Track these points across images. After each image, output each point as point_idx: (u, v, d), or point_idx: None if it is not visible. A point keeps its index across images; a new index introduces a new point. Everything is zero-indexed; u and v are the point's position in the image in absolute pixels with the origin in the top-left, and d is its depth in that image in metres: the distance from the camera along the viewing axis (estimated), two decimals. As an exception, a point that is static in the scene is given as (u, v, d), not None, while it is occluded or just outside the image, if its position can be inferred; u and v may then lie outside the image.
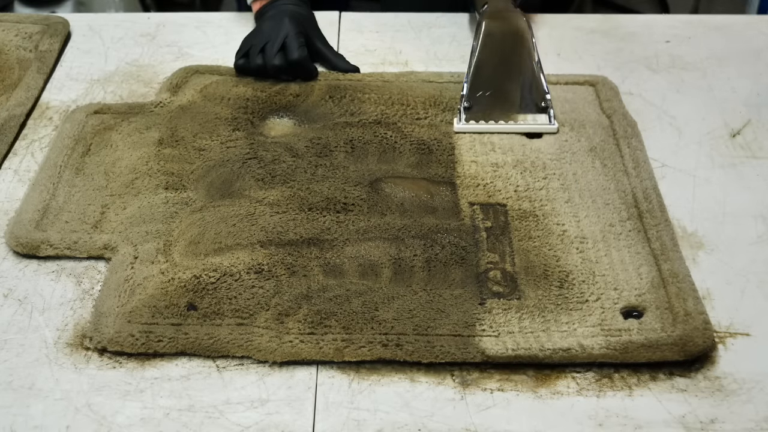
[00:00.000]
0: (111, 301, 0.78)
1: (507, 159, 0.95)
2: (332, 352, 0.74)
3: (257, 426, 0.69)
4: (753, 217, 0.89)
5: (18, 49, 1.14)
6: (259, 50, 1.06)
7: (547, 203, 0.89)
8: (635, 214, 0.87)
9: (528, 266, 0.82)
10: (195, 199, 0.90)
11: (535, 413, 0.70)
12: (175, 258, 0.82)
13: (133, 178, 0.92)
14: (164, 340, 0.75)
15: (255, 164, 0.94)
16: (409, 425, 0.69)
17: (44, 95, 1.07)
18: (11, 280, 0.82)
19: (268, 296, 0.78)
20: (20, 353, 0.75)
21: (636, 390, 0.72)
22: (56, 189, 0.91)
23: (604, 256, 0.83)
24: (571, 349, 0.73)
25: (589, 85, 1.07)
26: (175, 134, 0.98)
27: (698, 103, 1.06)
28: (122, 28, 1.21)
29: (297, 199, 0.89)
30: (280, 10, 1.09)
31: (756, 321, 0.78)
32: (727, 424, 0.69)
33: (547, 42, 1.17)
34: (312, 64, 1.08)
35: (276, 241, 0.84)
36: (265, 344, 0.74)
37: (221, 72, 1.09)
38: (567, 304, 0.78)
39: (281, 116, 1.03)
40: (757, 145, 0.99)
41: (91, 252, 0.84)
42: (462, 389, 0.72)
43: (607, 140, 0.97)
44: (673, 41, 1.18)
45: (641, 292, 0.79)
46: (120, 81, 1.10)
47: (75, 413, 0.70)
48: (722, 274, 0.82)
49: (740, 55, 1.14)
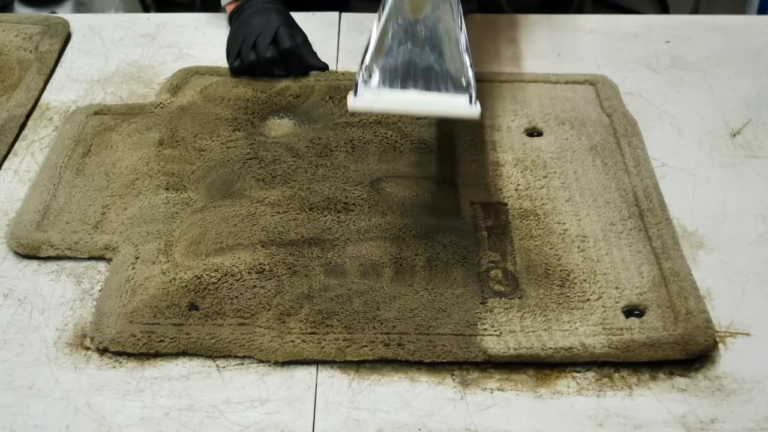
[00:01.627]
0: (112, 302, 0.78)
1: (507, 158, 0.95)
2: (334, 351, 0.74)
3: (257, 426, 0.69)
4: (753, 217, 0.89)
5: (18, 50, 1.14)
6: (251, 46, 1.06)
7: (548, 202, 0.89)
8: (636, 213, 0.87)
9: (529, 265, 0.82)
10: (196, 200, 0.90)
11: (535, 413, 0.70)
12: (177, 258, 0.82)
13: (133, 179, 0.92)
14: (166, 340, 0.75)
15: (255, 164, 0.94)
16: (409, 425, 0.69)
17: (44, 96, 1.07)
18: (11, 280, 0.82)
19: (270, 296, 0.78)
20: (20, 353, 0.75)
21: (636, 390, 0.72)
22: (57, 190, 0.91)
23: (605, 254, 0.83)
24: (573, 348, 0.73)
25: (589, 84, 1.07)
26: (176, 135, 0.98)
27: (698, 103, 1.06)
28: (122, 29, 1.21)
29: (298, 199, 0.89)
30: (260, 8, 1.09)
31: (756, 321, 0.78)
32: (727, 423, 0.69)
33: (547, 42, 1.17)
34: (305, 56, 1.08)
35: (277, 241, 0.84)
36: (266, 344, 0.74)
37: (221, 73, 1.09)
38: (568, 303, 0.78)
39: (281, 117, 1.03)
40: (757, 144, 0.99)
41: (92, 252, 0.84)
42: (462, 389, 0.72)
43: (607, 139, 0.98)
44: (673, 41, 1.18)
45: (642, 291, 0.79)
46: (120, 82, 1.10)
47: (75, 413, 0.70)
48: (722, 274, 0.82)
49: (740, 55, 1.14)
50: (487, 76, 1.08)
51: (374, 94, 0.75)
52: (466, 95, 0.77)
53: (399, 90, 0.76)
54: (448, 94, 0.76)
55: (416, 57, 0.76)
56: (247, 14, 1.09)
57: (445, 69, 0.77)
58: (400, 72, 0.76)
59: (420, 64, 0.76)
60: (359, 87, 0.76)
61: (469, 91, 0.77)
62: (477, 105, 0.76)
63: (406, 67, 0.76)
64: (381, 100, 0.75)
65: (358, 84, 0.76)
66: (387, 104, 0.76)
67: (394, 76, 0.76)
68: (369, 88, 0.76)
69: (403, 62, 0.77)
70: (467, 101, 0.76)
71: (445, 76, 0.76)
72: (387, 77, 0.76)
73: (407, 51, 0.77)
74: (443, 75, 0.76)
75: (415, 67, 0.76)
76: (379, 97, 0.75)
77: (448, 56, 0.77)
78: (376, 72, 0.76)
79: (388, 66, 0.76)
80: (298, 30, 1.11)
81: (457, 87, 0.77)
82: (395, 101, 0.75)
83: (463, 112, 0.77)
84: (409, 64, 0.76)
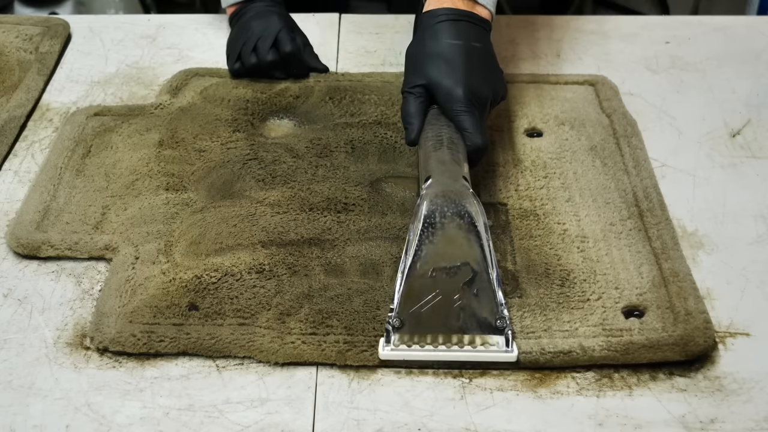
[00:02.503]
0: (112, 302, 0.78)
1: (507, 158, 0.95)
2: (334, 355, 0.74)
3: (257, 425, 0.69)
4: (753, 217, 0.89)
5: (18, 51, 1.14)
6: (252, 49, 1.06)
7: (548, 202, 0.89)
8: (636, 213, 0.87)
9: (529, 265, 0.82)
10: (196, 200, 0.90)
11: (535, 413, 0.70)
12: (176, 258, 0.82)
13: (133, 180, 0.92)
14: (166, 340, 0.75)
15: (255, 165, 0.94)
16: (409, 425, 0.69)
17: (44, 97, 1.07)
18: (11, 280, 0.82)
19: (270, 296, 0.78)
20: (20, 353, 0.75)
21: (636, 390, 0.72)
22: (57, 190, 0.91)
23: (605, 255, 0.83)
24: (572, 351, 0.73)
25: (589, 84, 1.07)
26: (176, 136, 0.99)
27: (698, 103, 1.06)
28: (122, 30, 1.21)
29: (298, 200, 0.89)
30: (261, 11, 1.09)
31: (756, 321, 0.78)
32: (727, 424, 0.69)
33: (547, 43, 1.17)
34: (306, 59, 1.08)
35: (277, 241, 0.84)
36: (267, 345, 0.74)
37: (221, 74, 1.10)
38: (568, 302, 0.78)
39: (281, 117, 1.03)
40: (757, 145, 0.99)
41: (92, 253, 0.84)
42: (462, 389, 0.72)
43: (607, 139, 0.98)
44: (673, 42, 1.18)
45: (642, 291, 0.79)
46: (120, 83, 1.10)
47: (75, 413, 0.70)
48: (722, 274, 0.82)
49: (740, 56, 1.15)
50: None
51: (405, 350, 0.74)
52: (501, 337, 0.74)
53: (431, 349, 0.74)
54: (481, 336, 0.74)
55: (448, 290, 0.73)
56: (248, 17, 1.09)
57: (477, 309, 0.74)
58: (431, 327, 0.74)
59: (451, 300, 0.73)
60: (389, 334, 0.74)
61: (505, 333, 0.73)
62: (514, 347, 0.73)
63: (439, 320, 0.74)
64: (412, 355, 0.74)
65: (390, 331, 0.74)
66: (418, 355, 0.74)
67: (426, 330, 0.74)
68: (401, 331, 0.74)
69: (432, 302, 0.74)
70: (503, 343, 0.73)
71: (478, 318, 0.74)
72: (416, 329, 0.74)
73: (436, 285, 0.73)
74: (476, 316, 0.74)
75: (446, 318, 0.73)
76: (410, 352, 0.74)
77: (479, 287, 0.73)
78: (406, 322, 0.74)
79: (419, 319, 0.74)
80: (299, 33, 1.11)
81: (492, 328, 0.74)
82: (427, 356, 0.74)
83: (499, 357, 0.74)
84: (441, 303, 0.73)
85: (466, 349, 0.74)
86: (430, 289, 0.73)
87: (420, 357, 0.74)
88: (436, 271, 0.73)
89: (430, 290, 0.73)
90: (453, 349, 0.73)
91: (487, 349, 0.73)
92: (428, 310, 0.73)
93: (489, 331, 0.73)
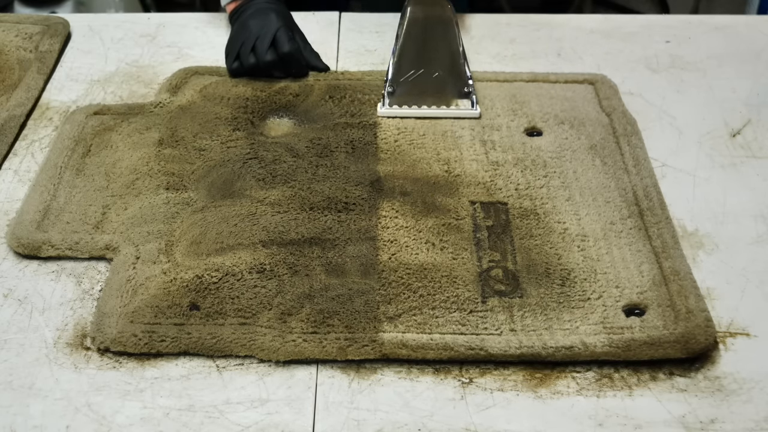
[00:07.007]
0: (113, 302, 0.78)
1: (507, 157, 0.95)
2: (335, 351, 0.74)
3: (257, 426, 0.69)
4: (753, 217, 0.89)
5: (18, 50, 1.14)
6: (250, 49, 1.06)
7: (548, 201, 0.89)
8: (636, 212, 0.87)
9: (530, 264, 0.82)
10: (196, 200, 0.90)
11: (535, 413, 0.70)
12: (177, 258, 0.82)
13: (133, 179, 0.92)
14: (167, 340, 0.75)
15: (256, 164, 0.94)
16: (409, 425, 0.69)
17: (44, 96, 1.07)
18: (11, 280, 0.82)
19: (271, 296, 0.78)
20: (20, 353, 0.75)
21: (636, 390, 0.72)
22: (57, 190, 0.91)
23: (606, 254, 0.83)
24: (574, 347, 0.73)
25: (589, 83, 1.07)
26: (176, 134, 0.98)
27: (698, 103, 1.06)
28: (122, 29, 1.21)
29: (298, 199, 0.89)
30: (259, 9, 1.09)
31: (756, 321, 0.78)
32: (727, 424, 0.69)
33: (547, 42, 1.17)
34: (305, 59, 1.08)
35: (278, 241, 0.84)
36: (268, 344, 0.74)
37: (221, 72, 1.09)
38: (569, 302, 0.78)
39: (281, 116, 1.03)
40: (757, 145, 0.99)
41: (93, 252, 0.84)
42: (462, 389, 0.72)
43: (607, 138, 0.98)
44: (673, 41, 1.18)
45: (643, 290, 0.79)
46: (120, 82, 1.10)
47: (75, 413, 0.70)
48: (722, 274, 0.82)
49: (740, 55, 1.14)
50: (487, 76, 1.08)
51: (397, 108, 1.01)
52: (467, 100, 1.02)
53: (416, 108, 1.01)
54: (454, 100, 1.02)
55: (429, 68, 1.02)
56: (247, 15, 1.09)
57: (451, 81, 1.02)
58: (416, 91, 1.01)
59: (431, 75, 1.02)
60: (384, 98, 1.01)
61: (471, 97, 1.02)
62: (477, 108, 1.01)
63: (421, 79, 1.02)
64: (403, 112, 1.01)
65: (385, 96, 1.01)
66: (406, 112, 1.01)
67: (412, 93, 1.01)
68: (394, 96, 1.01)
69: (417, 75, 1.02)
70: (469, 105, 1.02)
71: (452, 88, 1.02)
72: (406, 93, 1.01)
73: (420, 64, 1.01)
74: (450, 86, 1.02)
75: (428, 79, 1.02)
76: (401, 110, 1.01)
77: (452, 66, 1.02)
78: (398, 89, 1.01)
79: (407, 87, 1.01)
80: (298, 31, 1.11)
81: (462, 94, 1.02)
82: (414, 113, 1.01)
83: (467, 114, 1.01)
84: (424, 76, 1.02)
85: (442, 107, 1.01)
86: (416, 66, 1.01)
87: (408, 114, 1.01)
88: (420, 53, 1.01)
89: (415, 67, 1.01)
90: (432, 108, 1.01)
91: (459, 108, 1.02)
92: (414, 81, 1.02)
93: (459, 96, 1.02)
